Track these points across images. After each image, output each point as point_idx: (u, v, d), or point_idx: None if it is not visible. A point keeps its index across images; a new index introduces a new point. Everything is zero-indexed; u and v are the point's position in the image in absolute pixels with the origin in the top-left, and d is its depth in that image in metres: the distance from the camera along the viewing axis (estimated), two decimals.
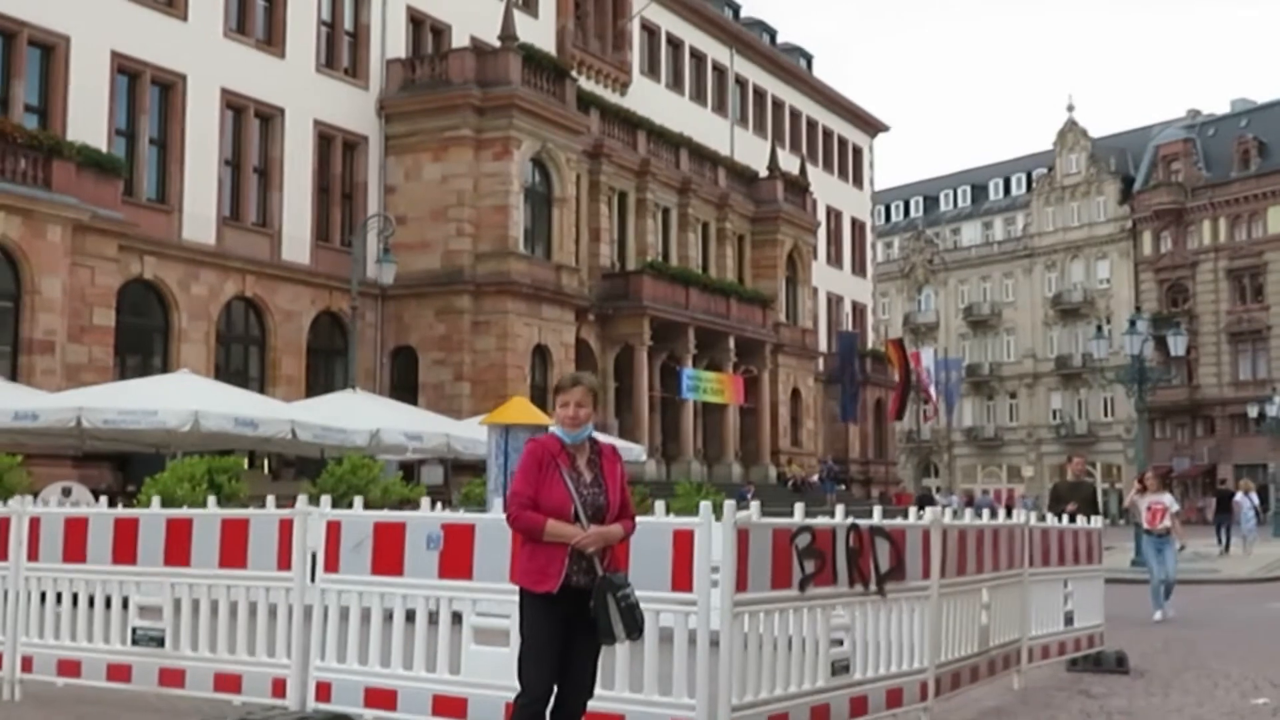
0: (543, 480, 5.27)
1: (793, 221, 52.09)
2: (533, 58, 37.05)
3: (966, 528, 8.21)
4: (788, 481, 47.54)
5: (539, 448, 5.35)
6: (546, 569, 5.23)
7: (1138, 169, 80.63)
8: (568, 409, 5.43)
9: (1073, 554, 10.29)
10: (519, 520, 5.25)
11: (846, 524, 6.75)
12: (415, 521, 7.02)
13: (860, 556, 6.81)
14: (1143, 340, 26.81)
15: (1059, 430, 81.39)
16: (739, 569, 5.93)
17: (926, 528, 7.56)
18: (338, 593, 7.16)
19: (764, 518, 6.23)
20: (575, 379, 5.55)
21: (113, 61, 30.50)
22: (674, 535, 6.06)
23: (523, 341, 35.68)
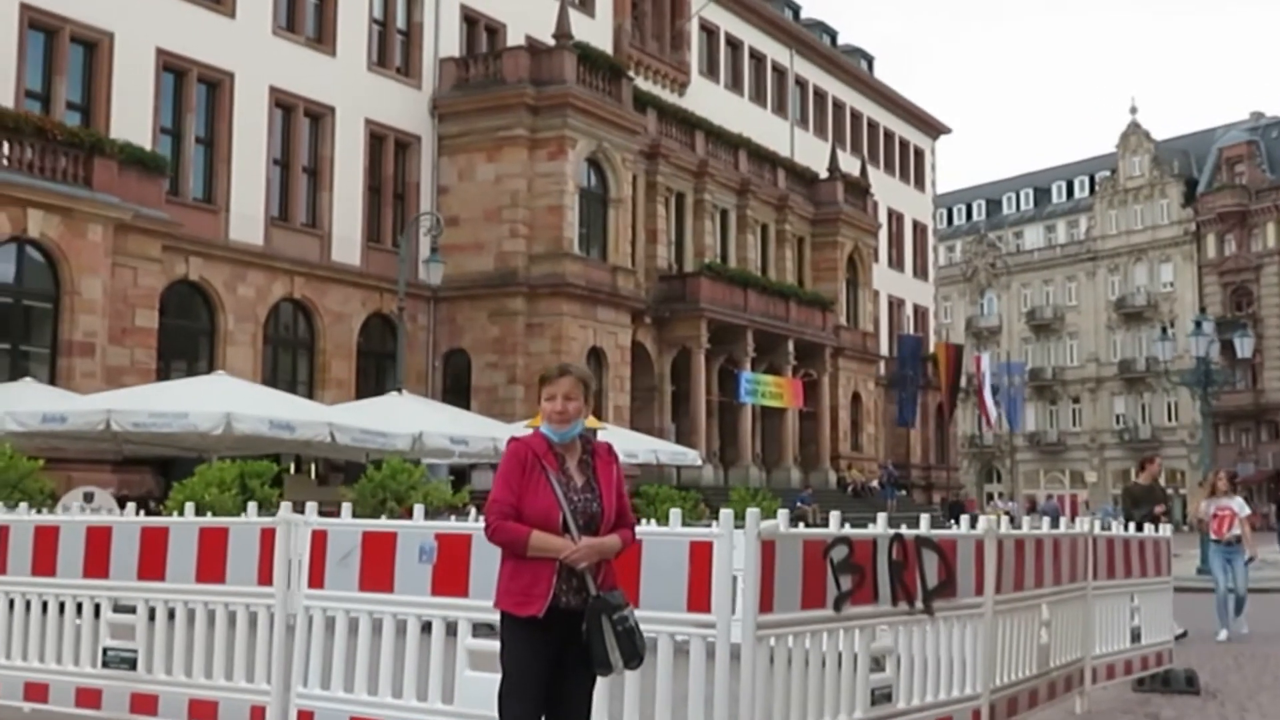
0: (527, 485, 4.58)
1: (853, 223, 51.16)
2: (588, 56, 36.45)
3: (1024, 538, 7.37)
4: (847, 487, 46.61)
5: (522, 448, 4.64)
6: (531, 589, 4.53)
7: (1201, 171, 79.16)
8: (554, 402, 4.73)
9: (1139, 565, 9.40)
10: (499, 532, 4.54)
11: (889, 534, 5.97)
12: (407, 531, 6.32)
13: (905, 571, 6.04)
14: (1209, 342, 25.71)
15: (1122, 435, 79.91)
16: (763, 586, 5.20)
17: (980, 538, 6.75)
18: (323, 611, 6.48)
19: (794, 528, 5.49)
20: (563, 369, 4.84)
21: (158, 59, 30.11)
22: (690, 548, 5.34)
23: (577, 344, 35.02)
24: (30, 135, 24.97)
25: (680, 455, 29.24)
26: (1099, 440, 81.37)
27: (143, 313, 27.39)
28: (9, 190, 24.15)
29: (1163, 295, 79.13)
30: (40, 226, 24.76)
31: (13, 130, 24.73)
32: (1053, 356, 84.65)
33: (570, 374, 4.81)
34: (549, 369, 4.84)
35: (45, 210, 24.78)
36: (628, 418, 36.05)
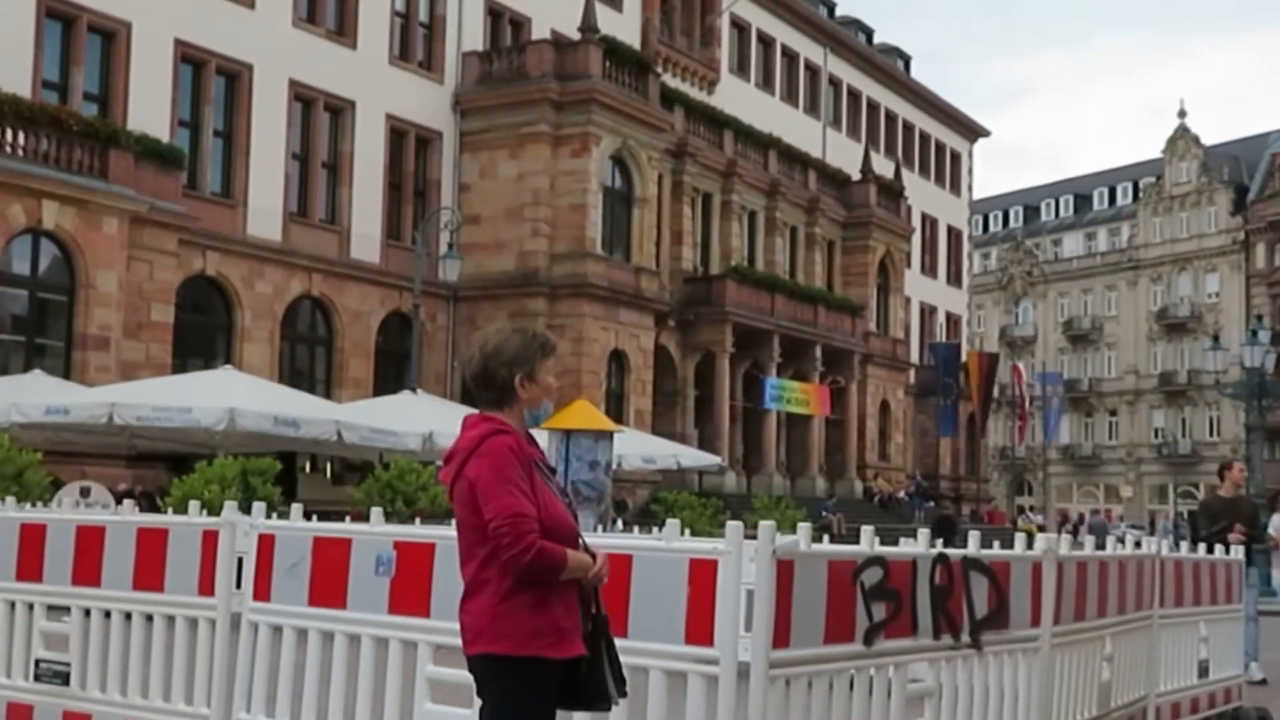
0: (534, 491, 3.76)
1: (886, 227, 50.13)
2: (614, 51, 35.65)
3: (1087, 559, 6.38)
4: (874, 497, 45.59)
5: (514, 441, 3.78)
6: (562, 623, 3.73)
7: (1252, 178, 77.11)
8: (550, 379, 3.97)
9: (1209, 591, 8.37)
10: (543, 555, 3.64)
11: (931, 554, 5.04)
12: (363, 538, 5.47)
13: (950, 597, 5.11)
14: (1264, 352, 24.55)
15: (1161, 450, 78.27)
16: (779, 615, 4.30)
17: (1038, 560, 5.78)
18: (269, 627, 5.64)
19: (819, 545, 4.57)
20: (553, 341, 4.11)
21: (176, 50, 29.68)
22: (690, 567, 4.46)
23: (599, 346, 34.24)
24: (46, 125, 24.76)
25: (700, 460, 28.41)
26: (1136, 454, 79.74)
27: (158, 307, 27.23)
28: (24, 181, 23.95)
29: (1207, 306, 77.32)
30: (55, 218, 24.53)
31: (28, 120, 24.50)
32: (1089, 368, 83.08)
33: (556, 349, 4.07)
34: (544, 337, 4.03)
35: (60, 202, 24.54)
36: (649, 422, 35.22)
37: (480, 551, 3.68)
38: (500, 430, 3.75)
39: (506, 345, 3.87)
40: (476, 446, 3.71)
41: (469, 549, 3.75)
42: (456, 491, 3.74)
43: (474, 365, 3.88)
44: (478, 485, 3.65)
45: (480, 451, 3.69)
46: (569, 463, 16.90)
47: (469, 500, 3.69)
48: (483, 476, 3.64)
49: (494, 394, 3.85)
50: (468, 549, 3.75)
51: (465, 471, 3.70)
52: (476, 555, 3.71)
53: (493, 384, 3.84)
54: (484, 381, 3.86)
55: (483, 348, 3.91)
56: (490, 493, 3.61)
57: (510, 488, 3.61)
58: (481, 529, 3.64)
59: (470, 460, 3.70)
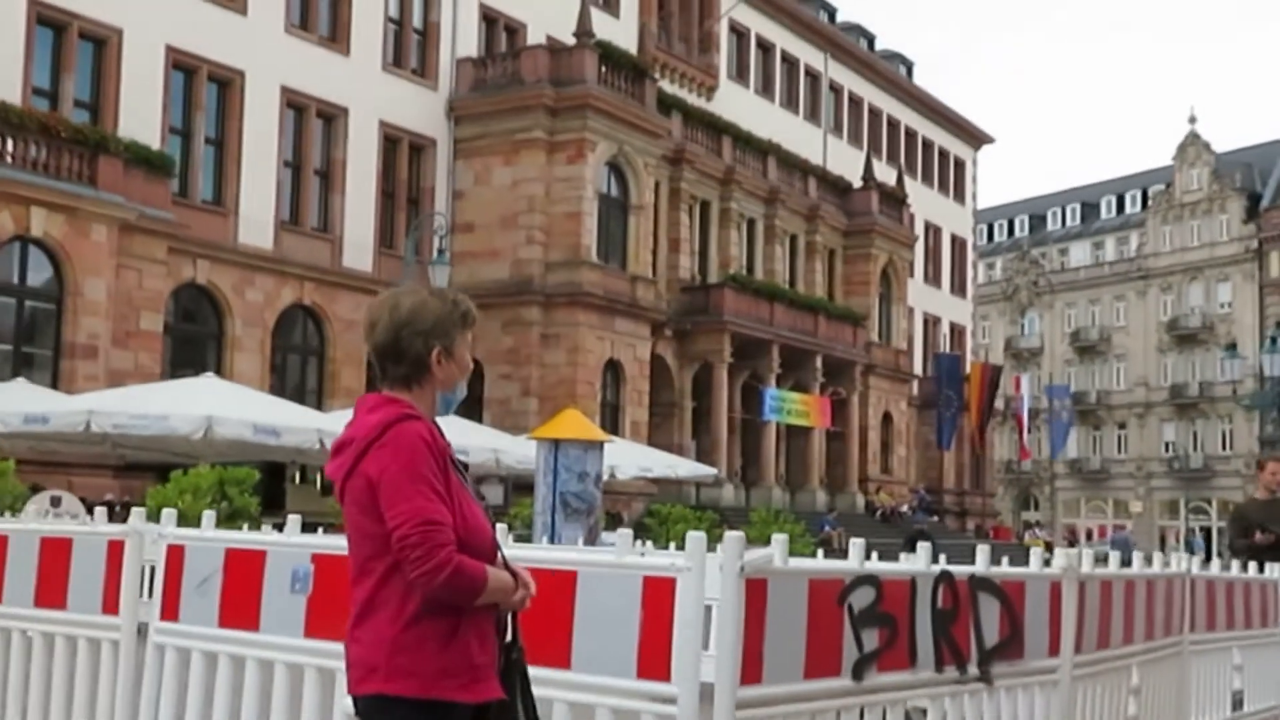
0: (451, 493, 3.11)
1: (888, 235, 49.47)
2: (610, 56, 35.15)
3: (1111, 579, 5.64)
4: (876, 511, 44.86)
5: (429, 433, 3.12)
6: (476, 659, 3.09)
7: (1265, 185, 76.00)
8: (468, 356, 3.34)
9: (1244, 613, 7.62)
10: (459, 574, 2.99)
11: (933, 572, 4.36)
12: (279, 550, 4.84)
13: (955, 623, 4.43)
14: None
15: (1171, 464, 77.23)
16: (748, 645, 3.63)
17: (1056, 579, 5.06)
18: (177, 650, 5.02)
19: (798, 561, 3.89)
20: (474, 309, 3.37)
21: (167, 56, 29.39)
22: (645, 586, 3.81)
23: (594, 356, 33.66)
24: (34, 132, 24.58)
25: (697, 471, 27.77)
26: (1145, 469, 78.62)
27: (148, 315, 26.96)
28: (12, 188, 23.76)
29: (1219, 316, 76.17)
30: (44, 225, 24.25)
31: (17, 127, 24.33)
32: (1097, 380, 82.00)
33: None
34: (469, 305, 3.33)
35: (49, 209, 24.26)
36: (646, 434, 34.62)
37: (378, 566, 3.04)
38: (408, 415, 3.08)
39: (423, 311, 3.20)
40: (378, 435, 3.05)
41: (363, 563, 3.09)
42: (349, 490, 3.08)
43: (381, 333, 3.20)
44: (380, 483, 2.99)
45: (383, 441, 3.03)
46: (557, 473, 16.24)
47: (366, 502, 3.03)
48: (387, 473, 2.99)
49: (404, 370, 3.18)
50: (362, 563, 3.09)
51: (363, 466, 3.04)
52: (373, 571, 3.05)
53: (403, 357, 3.18)
54: (393, 354, 3.19)
55: (393, 311, 3.21)
56: (397, 493, 2.96)
57: (422, 488, 2.97)
58: (381, 538, 3.00)
59: (370, 452, 3.04)
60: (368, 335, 3.25)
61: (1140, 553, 7.29)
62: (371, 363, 3.26)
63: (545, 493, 16.53)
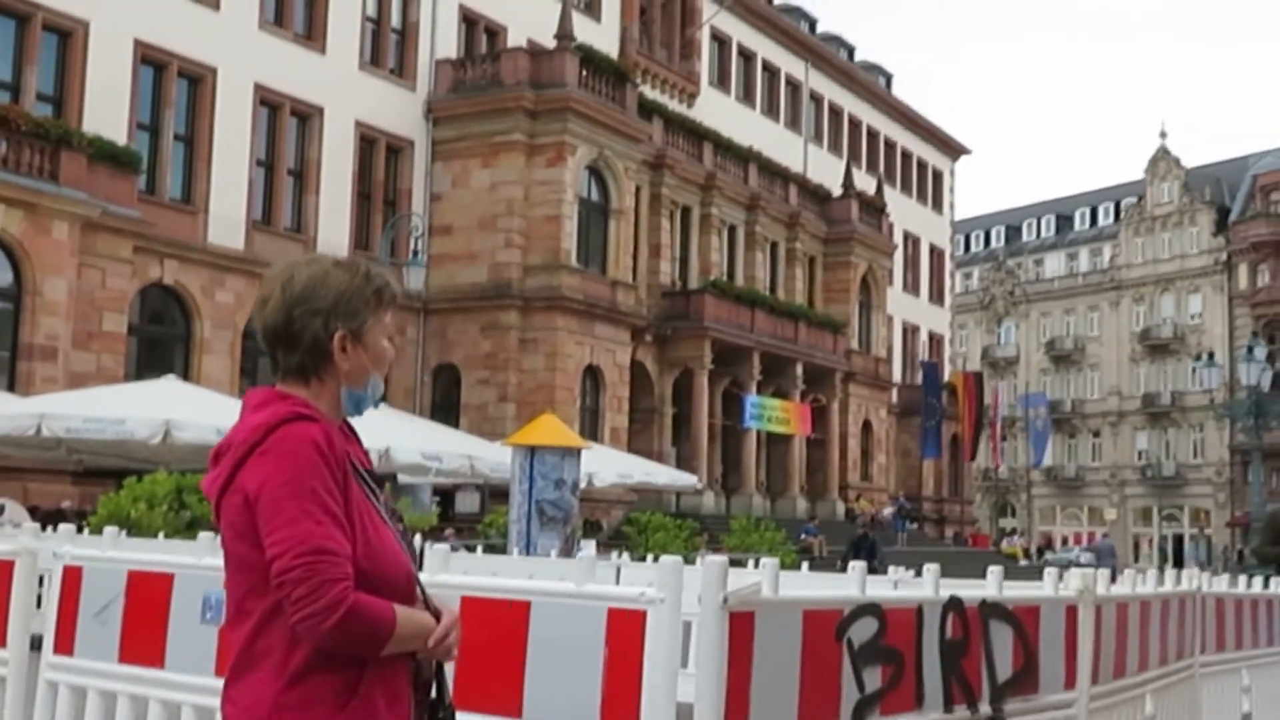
0: (353, 513, 2.47)
1: (867, 243, 49.25)
2: (591, 59, 34.75)
3: (1127, 600, 5.22)
4: (856, 518, 44.54)
5: (325, 437, 2.44)
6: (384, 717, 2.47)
7: (1234, 199, 76.64)
8: (385, 343, 2.67)
9: (1251, 632, 7.26)
10: (356, 616, 2.37)
11: (941, 599, 3.91)
12: (188, 574, 4.27)
13: (965, 655, 3.98)
14: (1260, 369, 23.55)
15: (1145, 471, 77.49)
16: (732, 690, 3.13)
17: (1072, 602, 4.63)
18: (70, 689, 4.46)
19: (790, 592, 3.45)
20: (394, 286, 2.72)
21: (136, 50, 28.65)
22: (609, 620, 3.30)
23: (573, 361, 33.22)
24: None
25: (676, 479, 27.35)
26: (1120, 477, 78.87)
27: (111, 316, 26.17)
28: None
29: (1190, 327, 76.61)
30: (1, 222, 23.41)
31: None
32: (1072, 389, 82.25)
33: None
34: (386, 280, 2.68)
35: (7, 205, 23.45)
36: (625, 440, 34.22)
37: (257, 606, 2.41)
38: (300, 415, 2.44)
39: (324, 285, 2.56)
40: (260, 439, 2.41)
41: (240, 602, 2.45)
42: (225, 509, 2.45)
43: (272, 312, 2.56)
44: (259, 500, 2.37)
45: (266, 447, 2.40)
46: (533, 481, 15.83)
47: (243, 524, 2.41)
48: (268, 487, 2.36)
49: (297, 359, 2.54)
50: (239, 602, 2.46)
51: (240, 478, 2.41)
52: (251, 612, 2.43)
53: (298, 343, 2.53)
54: (285, 338, 2.55)
55: (286, 285, 2.57)
56: (277, 514, 2.34)
57: (309, 506, 2.34)
58: (261, 571, 2.37)
59: (250, 460, 2.41)
60: (257, 315, 2.60)
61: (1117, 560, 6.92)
62: (261, 342, 2.59)
63: (521, 501, 16.13)
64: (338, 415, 2.59)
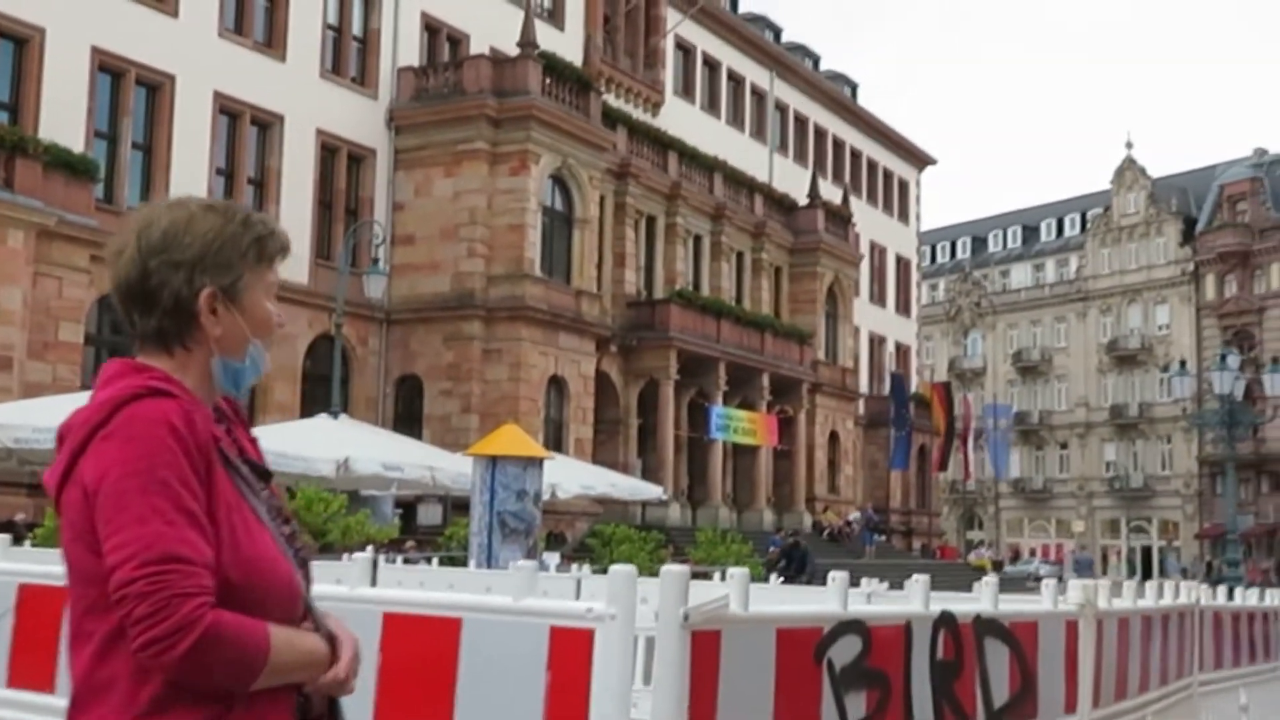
0: (216, 507, 2.00)
1: (834, 253, 49.03)
2: (554, 67, 34.42)
3: (1128, 615, 4.85)
4: (823, 530, 44.28)
5: (184, 418, 1.98)
6: None
7: (1200, 209, 76.78)
8: (268, 305, 2.22)
9: (1249, 647, 6.91)
10: (216, 642, 1.89)
11: (931, 615, 3.51)
12: None
13: (958, 677, 3.57)
14: (1234, 378, 23.37)
15: (1113, 483, 77.51)
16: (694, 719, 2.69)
17: (1073, 617, 4.25)
18: None
19: (761, 608, 3.04)
20: (283, 234, 2.28)
21: (93, 58, 28.29)
22: (552, 639, 2.88)
23: (537, 372, 32.81)
24: None
25: (641, 490, 26.98)
26: (1087, 488, 78.84)
27: (67, 326, 25.64)
28: None
29: (1158, 338, 76.69)
30: None
31: None
32: (1039, 400, 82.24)
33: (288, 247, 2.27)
34: (270, 226, 2.23)
35: None
36: (590, 451, 33.82)
37: (99, 627, 1.96)
38: (154, 390, 2.00)
39: (189, 231, 2.10)
40: (103, 420, 1.96)
41: (80, 621, 2.01)
42: (64, 505, 2.00)
43: (125, 265, 2.10)
44: (99, 495, 1.92)
45: (110, 429, 1.95)
46: (494, 492, 15.44)
47: (83, 524, 1.96)
48: (109, 478, 1.91)
49: (155, 322, 2.09)
50: (78, 621, 2.01)
51: (79, 468, 1.96)
52: (92, 634, 1.98)
53: (154, 302, 2.07)
54: (140, 297, 2.09)
55: (142, 233, 2.10)
56: (119, 512, 1.89)
57: (158, 502, 1.89)
58: (104, 582, 1.91)
59: (90, 445, 1.96)
60: (109, 269, 2.13)
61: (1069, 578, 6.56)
62: (114, 302, 2.12)
63: (482, 512, 15.76)
64: (211, 392, 2.13)
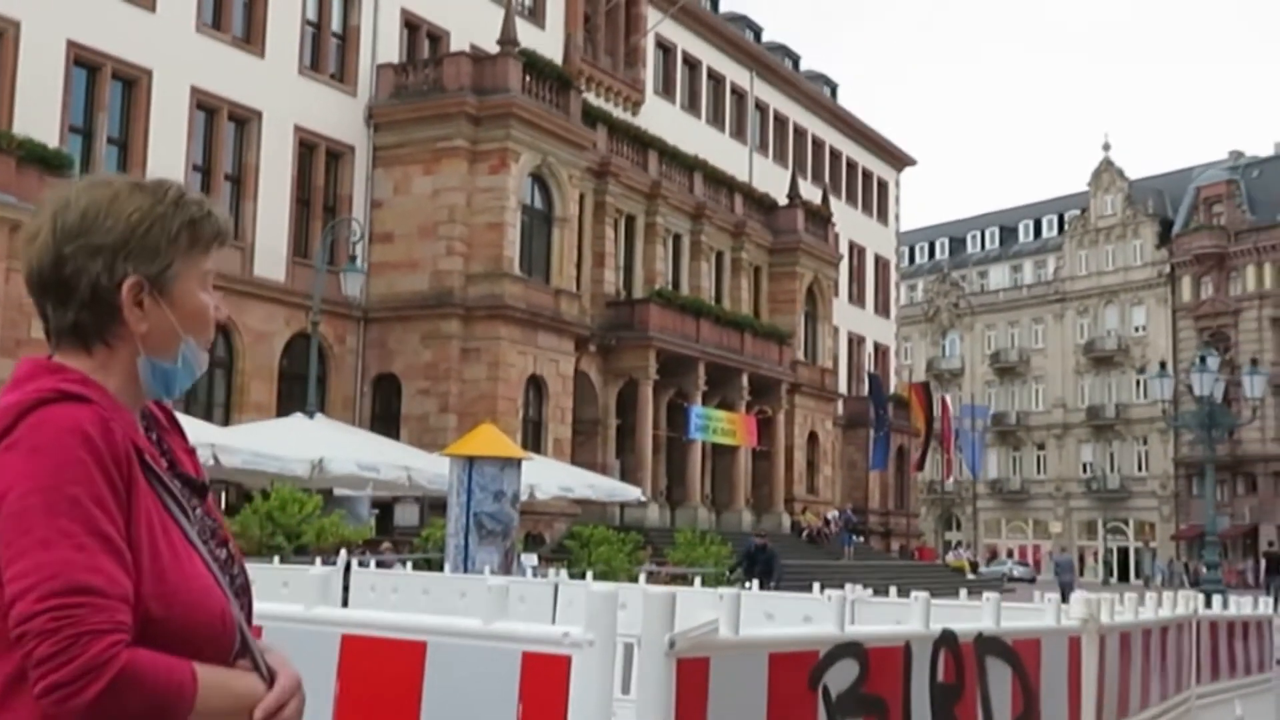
0: (138, 531, 1.74)
1: (813, 253, 48.96)
2: (534, 65, 34.22)
3: (1130, 629, 4.70)
4: (802, 532, 44.19)
5: (100, 426, 1.72)
6: None
7: (1177, 211, 77.15)
8: (204, 296, 1.94)
9: (1244, 658, 6.80)
10: (130, 684, 1.62)
11: (932, 634, 3.37)
12: None
13: (959, 701, 3.44)
14: (1214, 380, 23.35)
15: (1089, 484, 77.77)
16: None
17: (1076, 633, 4.11)
18: None
19: (753, 632, 2.87)
20: (220, 216, 2.00)
21: (69, 52, 27.89)
22: (524, 666, 2.68)
23: (516, 371, 32.59)
24: None
25: (619, 492, 26.81)
26: (1064, 489, 79.07)
27: (40, 324, 25.04)
28: None
29: (1134, 339, 77.05)
30: None
31: None
32: (1017, 401, 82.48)
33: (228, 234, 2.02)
34: (206, 208, 1.97)
35: None
36: (569, 451, 33.61)
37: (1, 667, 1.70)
38: (66, 394, 1.77)
39: (111, 213, 1.86)
40: (7, 428, 1.72)
41: None
42: None
43: (39, 251, 1.86)
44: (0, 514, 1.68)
45: (14, 439, 1.72)
46: (471, 493, 15.26)
47: None
48: (12, 495, 1.67)
49: (72, 316, 1.87)
50: None
51: None
52: None
53: (71, 293, 1.85)
54: (55, 287, 1.86)
55: (59, 214, 1.86)
56: (23, 534, 1.65)
57: (67, 524, 1.65)
58: (3, 618, 1.67)
59: None
60: (23, 255, 1.89)
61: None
62: (30, 291, 1.89)
63: (458, 513, 15.58)
64: (137, 397, 1.90)
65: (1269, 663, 7.24)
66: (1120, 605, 4.64)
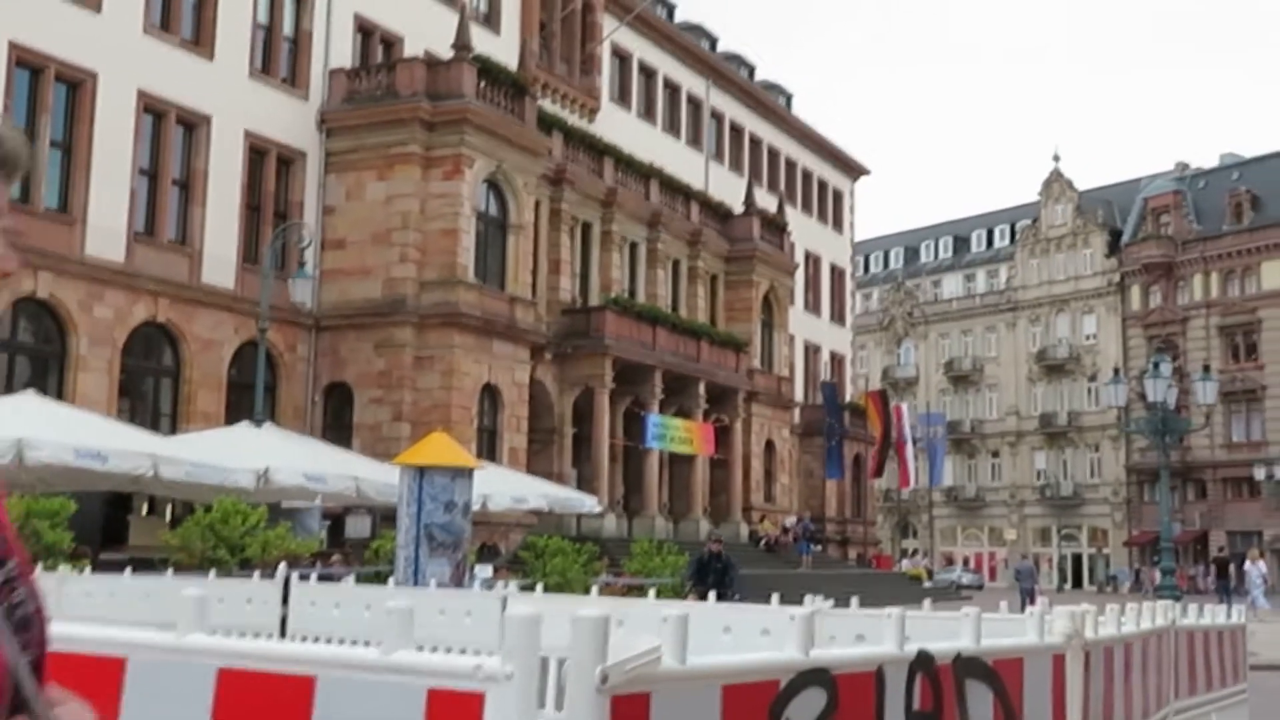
0: None
1: (769, 261, 48.86)
2: (489, 71, 33.87)
3: (1112, 643, 4.44)
4: (760, 541, 43.98)
5: None
6: None
7: (1125, 221, 77.96)
8: None
9: (1219, 669, 6.58)
10: None
11: (906, 656, 3.04)
12: None
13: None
14: (1166, 386, 23.33)
15: (1043, 491, 78.21)
16: None
17: (1060, 651, 3.82)
18: None
19: (703, 660, 2.49)
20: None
21: (10, 53, 27.28)
22: (429, 705, 2.29)
23: (470, 380, 32.19)
24: None
25: (575, 502, 26.45)
26: (1019, 496, 79.49)
27: None
28: None
29: (1085, 347, 77.68)
30: None
31: None
32: (971, 409, 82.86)
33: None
34: None
35: None
36: (524, 461, 33.25)
37: None
38: None
39: None
40: None
41: None
42: None
43: None
44: None
45: None
46: (421, 503, 14.89)
47: None
48: None
49: None
50: None
51: None
52: None
53: None
54: None
55: None
56: None
57: None
58: None
59: None
60: None
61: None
62: None
63: (408, 525, 15.20)
64: None
65: (1243, 673, 7.05)
66: (1103, 617, 4.40)
